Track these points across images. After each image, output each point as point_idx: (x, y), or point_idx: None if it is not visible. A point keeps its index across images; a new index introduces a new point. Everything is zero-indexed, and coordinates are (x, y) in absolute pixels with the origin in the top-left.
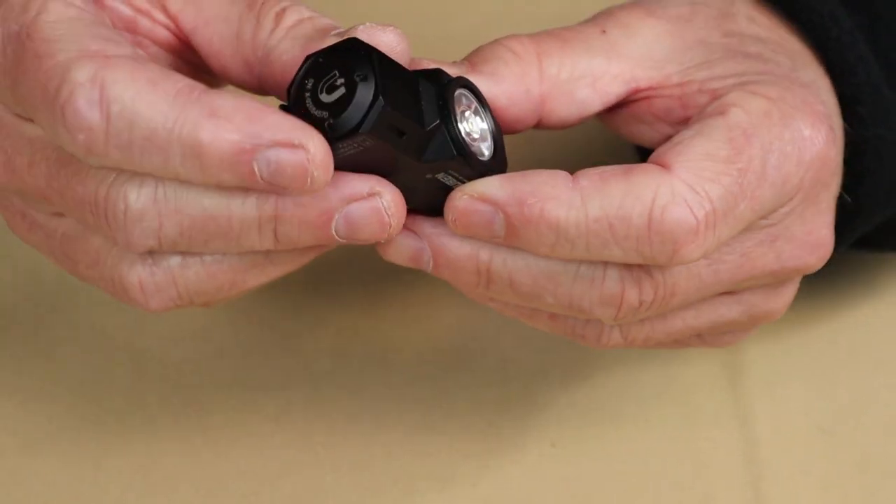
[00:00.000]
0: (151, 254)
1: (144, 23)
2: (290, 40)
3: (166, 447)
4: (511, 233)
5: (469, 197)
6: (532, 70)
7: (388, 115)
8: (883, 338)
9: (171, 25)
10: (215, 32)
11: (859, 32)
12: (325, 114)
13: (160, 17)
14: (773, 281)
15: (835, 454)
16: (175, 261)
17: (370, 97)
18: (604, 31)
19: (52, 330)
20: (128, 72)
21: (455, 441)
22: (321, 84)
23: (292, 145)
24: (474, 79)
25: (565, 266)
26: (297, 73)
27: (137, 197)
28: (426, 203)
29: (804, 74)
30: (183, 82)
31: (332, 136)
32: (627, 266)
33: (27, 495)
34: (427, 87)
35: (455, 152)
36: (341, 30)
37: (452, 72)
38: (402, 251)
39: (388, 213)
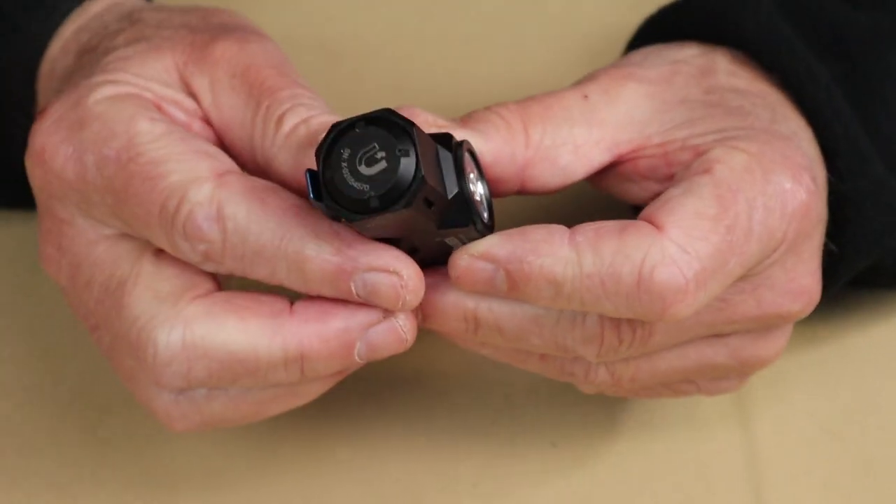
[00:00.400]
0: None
1: (197, 125)
2: (285, 150)
3: (166, 447)
4: (512, 287)
5: (470, 257)
6: (518, 136)
7: (427, 190)
8: (885, 339)
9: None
10: (235, 136)
11: (836, 83)
12: (367, 187)
13: (201, 112)
14: (758, 326)
15: (837, 455)
16: (201, 393)
17: (412, 173)
18: (585, 97)
19: (52, 330)
20: (241, 189)
21: (455, 441)
22: (359, 156)
23: (388, 271)
24: (466, 133)
25: (548, 311)
26: (325, 139)
27: (167, 343)
28: (426, 258)
29: (784, 127)
30: (290, 200)
31: (374, 210)
32: None
33: (27, 495)
34: (444, 154)
35: (471, 220)
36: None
37: (447, 129)
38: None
39: (403, 331)
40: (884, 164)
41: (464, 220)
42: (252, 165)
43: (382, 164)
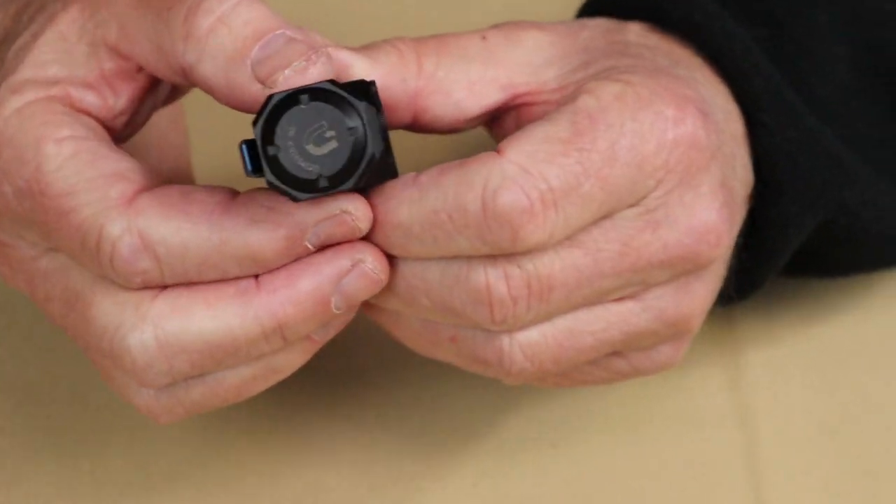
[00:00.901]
0: None
1: (109, 98)
2: (209, 61)
3: (166, 447)
4: (368, 236)
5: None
6: (410, 64)
7: (375, 164)
8: (884, 337)
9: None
10: (143, 51)
11: (761, 47)
12: (316, 167)
13: (109, 64)
14: (670, 275)
15: (836, 455)
16: (180, 385)
17: (362, 152)
18: (484, 38)
19: (52, 330)
20: (157, 210)
21: (455, 441)
22: (307, 134)
23: (334, 216)
24: (355, 59)
25: (431, 265)
26: (262, 112)
27: (142, 348)
28: None
29: (681, 71)
30: (211, 200)
31: (323, 189)
32: (491, 259)
33: (27, 495)
34: (367, 108)
35: (394, 174)
36: (270, 41)
37: (347, 60)
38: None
39: (375, 272)
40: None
41: (388, 174)
42: (172, 75)
43: (333, 144)
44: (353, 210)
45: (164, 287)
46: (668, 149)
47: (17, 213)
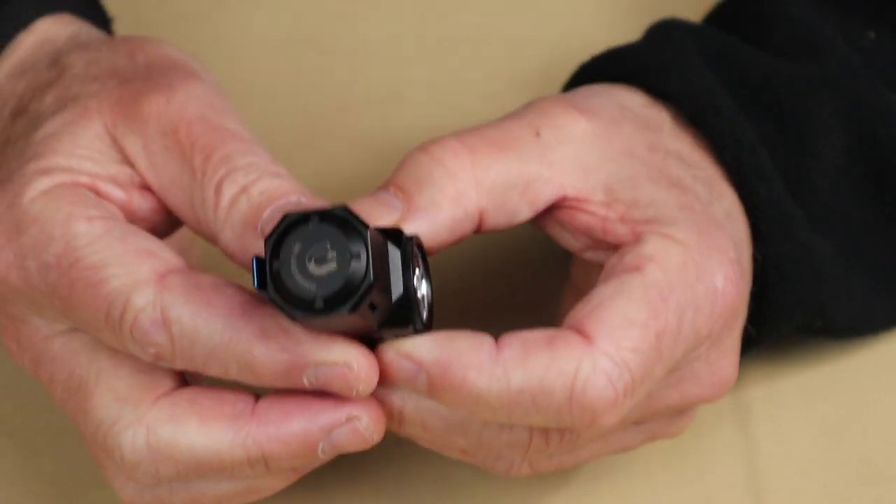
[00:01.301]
0: None
1: (136, 199)
2: (228, 228)
3: None
4: (432, 392)
5: (396, 353)
6: (469, 189)
7: (374, 295)
8: (884, 339)
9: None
10: (177, 202)
11: (765, 141)
12: (313, 287)
13: (137, 178)
14: (675, 412)
15: (836, 456)
16: (164, 486)
17: (361, 278)
18: (538, 134)
19: None
20: (183, 291)
21: None
22: (310, 252)
23: (338, 365)
24: (413, 217)
25: (475, 420)
26: (275, 230)
27: (132, 448)
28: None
29: (719, 208)
30: (235, 298)
31: (318, 311)
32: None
33: (27, 495)
34: (392, 251)
35: (411, 322)
36: (277, 208)
37: (386, 204)
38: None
39: (367, 432)
40: (812, 218)
41: (404, 320)
42: (198, 231)
43: (332, 266)
44: (354, 366)
45: (176, 372)
46: (716, 319)
47: (39, 289)
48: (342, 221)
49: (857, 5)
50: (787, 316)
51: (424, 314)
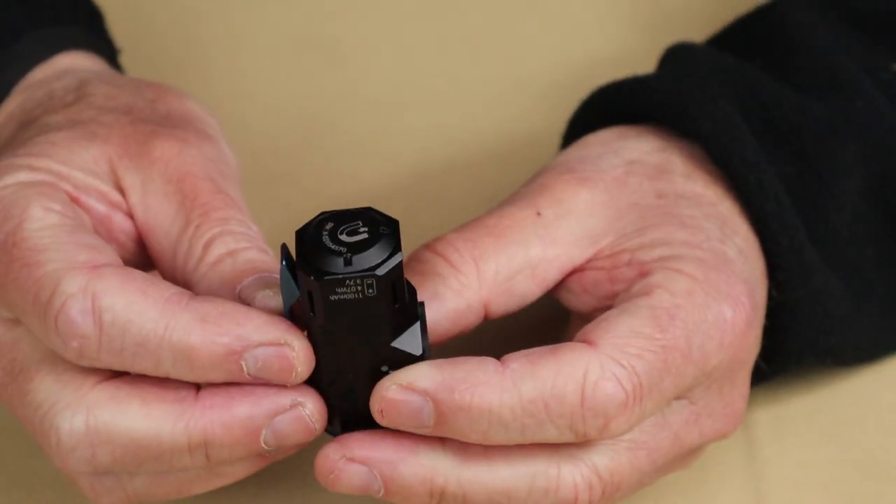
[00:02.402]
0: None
1: (118, 217)
2: (206, 281)
3: None
4: (441, 421)
5: (398, 387)
6: (471, 281)
7: (400, 271)
8: None
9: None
10: (159, 242)
11: (787, 184)
12: (343, 249)
13: (126, 205)
14: (695, 452)
15: (837, 456)
16: (97, 477)
17: (392, 247)
18: (539, 214)
19: None
20: (117, 281)
21: None
22: (342, 228)
23: (278, 344)
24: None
25: (519, 478)
26: (312, 221)
27: (70, 430)
28: (355, 389)
29: (731, 246)
30: (171, 290)
31: (345, 271)
32: (577, 465)
33: (27, 495)
34: (409, 285)
35: (421, 351)
36: (261, 277)
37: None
38: (351, 483)
39: (311, 420)
40: (827, 256)
41: (414, 347)
42: (170, 276)
43: (364, 235)
44: (295, 345)
45: (97, 371)
46: (725, 350)
47: None
48: (373, 215)
49: (882, 35)
50: (796, 356)
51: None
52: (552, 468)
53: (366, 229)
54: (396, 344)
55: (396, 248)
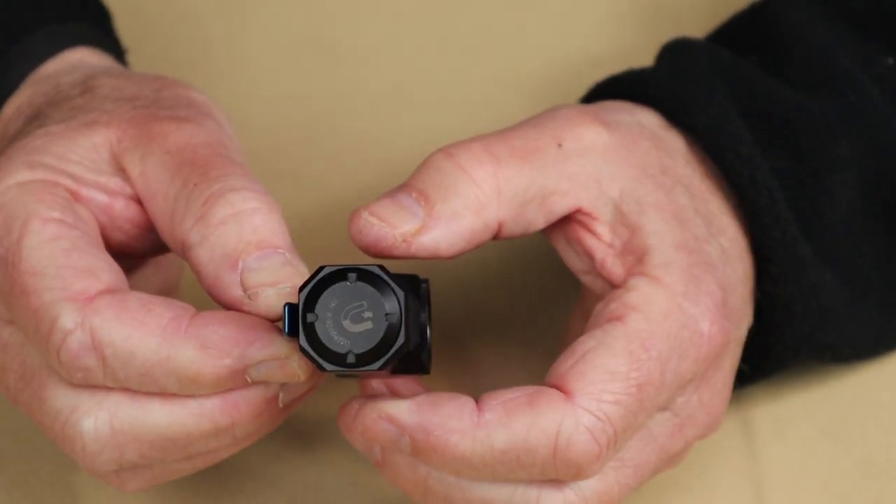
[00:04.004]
0: None
1: (119, 205)
2: (208, 251)
3: None
4: (416, 453)
5: (378, 416)
6: (491, 201)
7: (403, 353)
8: None
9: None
10: (158, 207)
11: (781, 179)
12: (347, 343)
13: (129, 189)
14: (679, 455)
15: (837, 456)
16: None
17: (394, 340)
18: (560, 145)
19: None
20: (113, 313)
21: None
22: (346, 310)
23: (279, 359)
24: (434, 225)
25: (500, 493)
26: (315, 278)
27: (94, 434)
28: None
29: (715, 246)
30: (168, 315)
31: (350, 365)
32: (561, 491)
33: (27, 495)
34: (412, 301)
35: (425, 370)
36: (264, 255)
37: (408, 210)
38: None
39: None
40: (822, 252)
41: (417, 369)
42: (170, 241)
43: (368, 325)
44: (296, 358)
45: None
46: (702, 362)
47: None
48: (379, 281)
49: (877, 30)
50: (793, 352)
51: (425, 356)
52: (531, 491)
53: (370, 315)
54: (398, 370)
55: (399, 337)
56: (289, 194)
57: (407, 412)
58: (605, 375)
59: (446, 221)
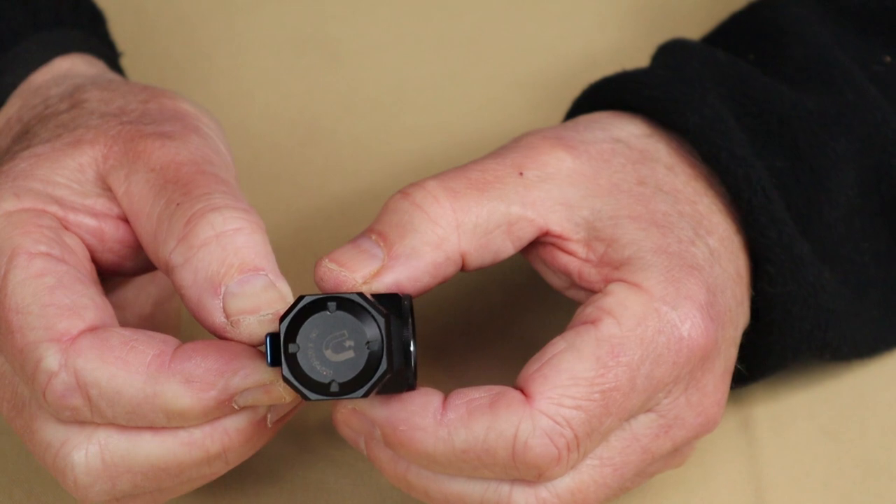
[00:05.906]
0: None
1: (108, 227)
2: (191, 273)
3: None
4: (389, 447)
5: (352, 409)
6: (450, 234)
7: (386, 379)
8: None
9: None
10: (142, 227)
11: (777, 178)
12: (330, 372)
13: (117, 209)
14: (671, 454)
15: (836, 456)
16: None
17: (376, 368)
18: (521, 174)
19: None
20: (96, 354)
21: None
22: (328, 339)
23: (264, 386)
24: (395, 265)
25: (473, 488)
26: (294, 308)
27: (86, 467)
28: None
29: (701, 248)
30: (151, 351)
31: (333, 394)
32: (533, 488)
33: (27, 495)
34: (394, 322)
35: (409, 387)
36: (247, 278)
37: (367, 252)
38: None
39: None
40: (821, 251)
41: (403, 386)
42: (155, 260)
43: (349, 354)
44: (280, 381)
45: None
46: (682, 366)
47: None
48: (359, 309)
49: (876, 28)
50: (793, 351)
51: (412, 375)
52: (504, 487)
53: (351, 344)
54: (382, 391)
55: (382, 364)
56: (289, 194)
57: (377, 409)
58: (567, 380)
59: (405, 259)
